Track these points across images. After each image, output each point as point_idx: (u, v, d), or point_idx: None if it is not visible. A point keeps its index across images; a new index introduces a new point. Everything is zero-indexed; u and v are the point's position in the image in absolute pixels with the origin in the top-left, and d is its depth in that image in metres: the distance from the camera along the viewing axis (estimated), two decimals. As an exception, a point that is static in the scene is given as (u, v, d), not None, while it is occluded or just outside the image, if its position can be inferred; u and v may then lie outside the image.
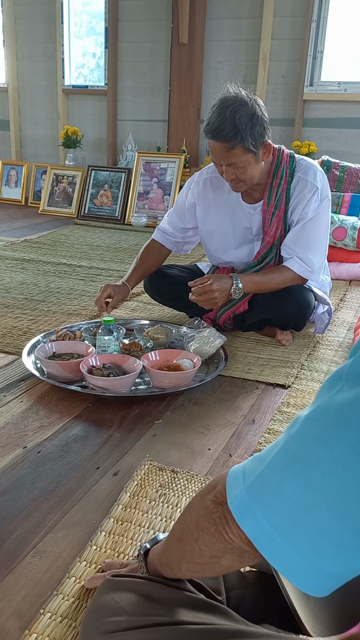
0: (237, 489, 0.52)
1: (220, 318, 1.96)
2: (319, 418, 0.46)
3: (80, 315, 2.19)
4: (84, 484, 1.17)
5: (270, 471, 0.49)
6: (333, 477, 0.43)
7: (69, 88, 4.66)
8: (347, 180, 2.95)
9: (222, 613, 0.71)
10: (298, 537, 0.46)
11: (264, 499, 0.49)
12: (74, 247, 3.33)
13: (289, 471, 0.47)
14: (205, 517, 0.57)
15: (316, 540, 0.45)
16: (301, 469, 0.45)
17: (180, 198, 2.05)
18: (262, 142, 1.70)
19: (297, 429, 0.48)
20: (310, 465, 0.45)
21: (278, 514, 0.47)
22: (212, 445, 1.35)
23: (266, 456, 0.51)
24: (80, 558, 0.97)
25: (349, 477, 0.42)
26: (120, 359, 1.63)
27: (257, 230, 1.92)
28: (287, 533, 0.46)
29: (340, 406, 0.44)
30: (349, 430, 0.43)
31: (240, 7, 3.91)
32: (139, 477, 1.20)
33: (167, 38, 4.14)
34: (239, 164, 1.68)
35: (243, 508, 0.51)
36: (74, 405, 1.50)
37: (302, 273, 1.82)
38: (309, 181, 1.80)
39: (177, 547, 0.66)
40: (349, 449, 0.42)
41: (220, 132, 1.62)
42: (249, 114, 1.63)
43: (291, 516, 0.46)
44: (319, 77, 3.86)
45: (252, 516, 0.49)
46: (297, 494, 0.45)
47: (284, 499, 0.47)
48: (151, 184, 4.12)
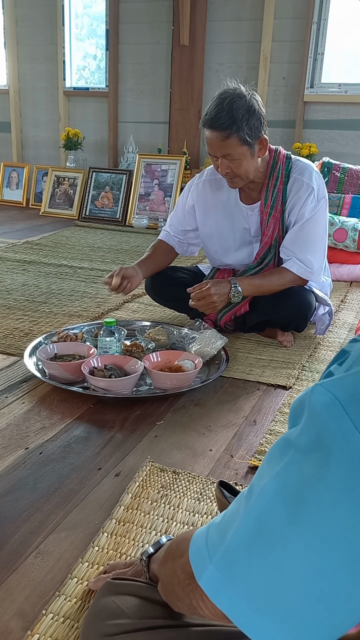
0: (203, 565, 0.51)
1: (221, 320, 1.96)
2: (277, 495, 0.44)
3: (81, 316, 2.19)
4: (85, 485, 1.18)
5: (237, 548, 0.47)
6: (299, 558, 0.43)
7: (70, 90, 4.67)
8: (348, 182, 2.95)
9: None
10: (275, 615, 0.45)
11: (236, 580, 0.47)
12: (75, 248, 3.34)
13: (255, 550, 0.46)
14: (179, 586, 0.57)
15: (293, 618, 0.44)
16: (267, 548, 0.45)
17: (181, 200, 2.06)
18: (258, 136, 1.71)
19: (256, 502, 0.46)
20: (276, 546, 0.44)
21: (252, 593, 0.46)
22: (213, 446, 1.35)
23: (227, 526, 0.50)
24: (82, 559, 0.98)
25: (314, 557, 0.42)
26: (122, 360, 1.64)
27: (256, 231, 1.92)
28: (264, 611, 0.46)
29: (297, 484, 0.43)
30: (309, 509, 0.42)
31: (241, 9, 3.92)
32: (140, 478, 1.20)
33: (168, 40, 4.15)
34: (234, 155, 1.69)
35: (216, 588, 0.49)
36: (76, 406, 1.51)
37: (301, 274, 1.83)
38: (305, 182, 1.81)
39: (163, 592, 0.65)
40: (312, 530, 0.42)
41: (217, 121, 1.64)
42: (246, 106, 1.65)
43: (265, 595, 0.45)
44: (320, 78, 3.87)
45: (227, 596, 0.48)
46: (267, 574, 0.45)
47: (255, 579, 0.46)
48: (152, 185, 4.13)
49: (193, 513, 1.10)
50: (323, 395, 0.42)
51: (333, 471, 0.41)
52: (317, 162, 3.15)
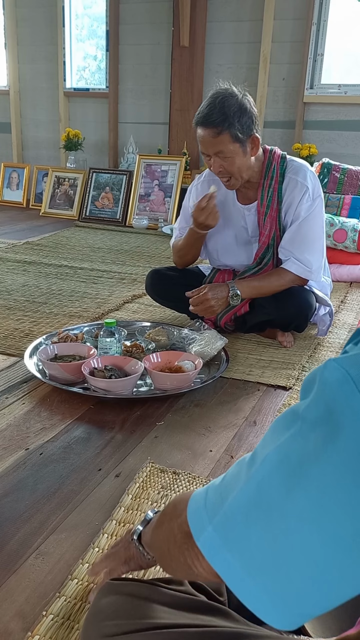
0: (202, 526, 0.51)
1: (221, 320, 1.96)
2: (280, 465, 0.45)
3: (82, 317, 2.19)
4: (86, 486, 1.18)
5: (236, 513, 0.48)
6: (296, 529, 0.43)
7: (70, 91, 4.67)
8: (348, 183, 2.95)
9: (222, 614, 0.71)
10: (267, 580, 0.46)
11: (233, 543, 0.48)
12: (75, 249, 3.34)
13: (254, 517, 0.46)
14: (175, 546, 0.57)
15: (284, 584, 0.45)
16: (265, 517, 0.45)
17: (185, 203, 2.07)
18: (250, 135, 1.72)
19: (258, 469, 0.47)
20: (274, 515, 0.45)
21: (247, 558, 0.47)
22: (213, 446, 1.35)
23: (227, 490, 0.50)
24: (83, 560, 0.98)
25: (311, 530, 0.43)
26: (122, 361, 1.64)
27: (253, 231, 1.93)
28: (256, 575, 0.47)
29: (300, 457, 0.44)
30: (310, 483, 0.42)
31: (241, 10, 3.92)
32: (140, 479, 1.20)
33: (168, 41, 4.15)
34: (226, 152, 1.71)
35: (213, 549, 0.50)
36: (76, 407, 1.51)
37: (300, 274, 1.83)
38: (299, 181, 1.81)
39: (157, 555, 0.67)
40: (311, 503, 0.42)
41: (209, 118, 1.67)
42: (237, 104, 1.68)
43: (259, 561, 0.46)
44: (320, 79, 3.87)
45: (223, 558, 0.49)
46: (263, 541, 0.46)
47: (251, 544, 0.47)
48: (152, 186, 4.13)
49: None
50: (336, 371, 0.42)
51: (339, 447, 0.41)
52: (316, 163, 3.15)
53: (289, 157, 1.87)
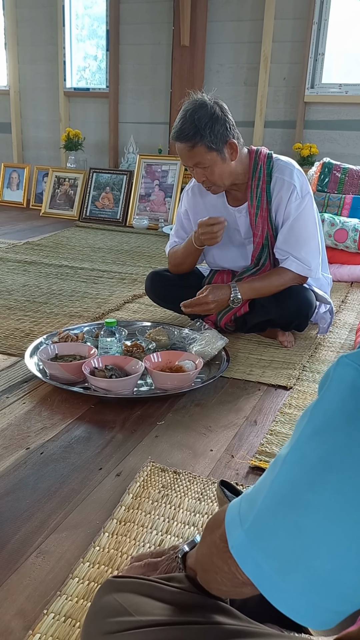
0: (235, 532, 0.53)
1: (221, 320, 1.96)
2: (300, 461, 0.46)
3: (82, 317, 2.19)
4: (86, 485, 1.18)
5: (263, 515, 0.49)
6: (323, 521, 0.44)
7: (70, 91, 4.67)
8: (349, 183, 2.95)
9: (224, 612, 0.72)
10: (297, 579, 0.46)
11: (262, 544, 0.49)
12: (75, 249, 3.34)
13: (281, 516, 0.47)
14: (218, 556, 0.58)
15: (314, 582, 0.46)
16: (292, 514, 0.46)
17: (179, 210, 2.10)
18: (226, 141, 1.73)
19: (280, 470, 0.48)
20: (300, 511, 0.45)
21: (276, 558, 0.48)
22: (214, 446, 1.35)
23: (256, 497, 0.52)
24: (84, 558, 0.98)
25: (338, 520, 0.43)
26: (123, 361, 1.64)
27: (246, 233, 1.93)
28: (286, 576, 0.47)
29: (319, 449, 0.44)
30: (332, 474, 0.43)
31: (242, 10, 3.92)
32: (141, 478, 1.20)
33: (168, 41, 4.16)
34: (204, 162, 1.73)
35: (243, 553, 0.51)
36: (77, 406, 1.51)
37: (300, 271, 1.84)
38: (286, 180, 1.82)
39: (202, 575, 0.67)
40: (335, 492, 0.43)
41: (182, 133, 1.70)
42: (208, 114, 1.69)
43: (289, 560, 0.47)
44: (320, 79, 3.87)
45: (253, 560, 0.50)
46: (291, 538, 0.46)
47: (280, 543, 0.47)
48: (152, 186, 4.13)
49: (194, 513, 1.10)
50: (347, 366, 0.44)
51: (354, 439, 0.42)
52: (317, 163, 3.15)
53: (275, 156, 1.87)
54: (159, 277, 2.10)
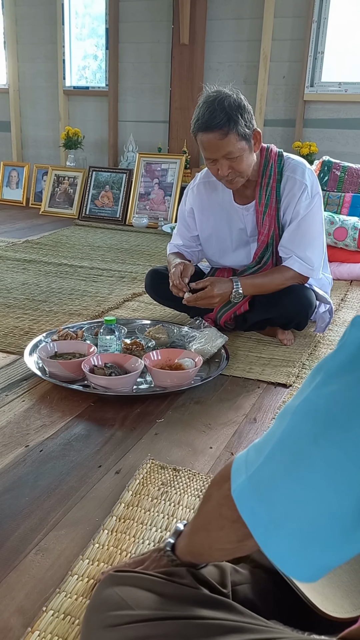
0: (240, 478, 0.54)
1: (221, 318, 1.96)
2: (308, 413, 0.47)
3: (81, 315, 2.19)
4: (86, 482, 1.18)
5: (268, 464, 0.51)
6: (323, 476, 0.45)
7: (70, 89, 4.67)
8: (348, 181, 2.95)
9: (226, 607, 0.71)
10: (290, 529, 0.48)
11: (262, 490, 0.51)
12: (75, 247, 3.34)
13: (283, 465, 0.49)
14: (227, 505, 0.59)
15: (306, 533, 0.47)
16: (294, 465, 0.47)
17: (181, 208, 2.07)
18: (253, 129, 1.71)
19: (288, 422, 0.50)
20: (302, 463, 0.47)
21: (273, 506, 0.49)
22: (213, 443, 1.35)
23: (264, 446, 0.53)
24: (83, 556, 0.98)
25: (338, 476, 0.44)
26: (122, 359, 1.64)
27: (252, 231, 1.93)
28: (280, 524, 0.48)
29: (328, 403, 0.46)
30: (337, 430, 0.44)
31: (241, 8, 3.92)
32: (141, 476, 1.20)
33: (167, 39, 4.15)
34: (234, 152, 1.68)
35: (243, 497, 0.53)
36: (76, 404, 1.51)
37: (302, 271, 1.83)
38: (298, 179, 1.81)
39: (204, 537, 0.68)
40: (338, 449, 0.44)
41: (213, 121, 1.64)
42: (236, 102, 1.66)
43: (284, 509, 0.48)
44: (320, 77, 3.86)
45: (251, 506, 0.52)
46: (290, 489, 0.47)
47: (278, 492, 0.49)
48: (152, 184, 4.12)
49: (193, 510, 1.10)
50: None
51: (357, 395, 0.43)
52: (317, 161, 3.14)
53: (286, 155, 1.87)
54: (159, 275, 2.10)
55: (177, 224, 2.11)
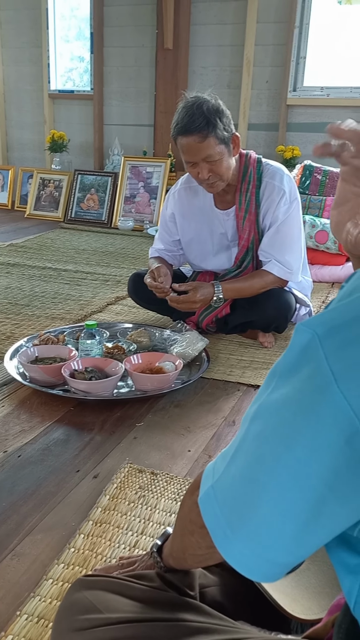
0: (206, 485, 0.55)
1: (202, 322, 1.98)
2: (262, 418, 0.49)
3: (64, 319, 2.20)
4: (63, 487, 1.19)
5: (229, 470, 0.52)
6: (276, 477, 0.46)
7: (55, 93, 4.67)
8: (329, 185, 2.98)
9: (194, 609, 0.73)
10: (247, 533, 0.49)
11: (222, 497, 0.52)
12: (59, 251, 3.34)
13: (240, 471, 0.50)
14: (196, 512, 0.60)
15: (263, 536, 0.48)
16: (250, 470, 0.49)
17: (163, 213, 2.10)
18: (231, 133, 1.74)
19: (246, 428, 0.51)
20: (257, 467, 0.48)
21: (231, 511, 0.50)
22: (192, 447, 1.37)
23: (228, 453, 0.54)
24: (58, 560, 0.99)
25: (289, 477, 0.46)
26: (103, 363, 1.65)
27: (233, 236, 1.95)
28: (238, 529, 0.49)
29: (277, 405, 0.47)
30: (287, 432, 0.46)
31: (224, 13, 3.94)
32: (118, 480, 1.21)
33: (152, 43, 4.17)
34: (214, 155, 1.71)
35: (207, 504, 0.54)
36: (56, 409, 1.51)
37: (282, 275, 1.85)
38: (276, 185, 1.84)
39: (179, 542, 0.69)
40: (288, 451, 0.45)
41: (192, 125, 1.67)
42: (214, 107, 1.70)
43: (241, 513, 0.49)
44: (302, 82, 3.90)
45: (213, 512, 0.53)
46: (247, 493, 0.49)
47: (236, 497, 0.50)
48: (138, 187, 4.14)
49: (170, 513, 1.12)
50: (303, 332, 0.47)
51: (302, 395, 0.45)
52: (299, 165, 3.18)
53: (265, 161, 1.89)
54: (141, 278, 2.10)
55: (159, 228, 2.13)
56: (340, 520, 0.47)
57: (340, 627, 0.55)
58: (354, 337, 0.44)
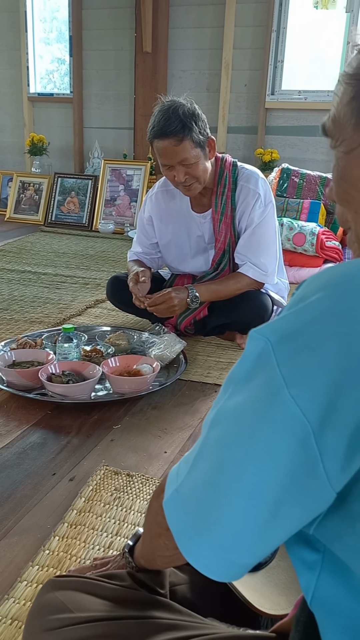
0: (170, 489, 0.56)
1: (181, 324, 2.00)
2: (219, 423, 0.50)
3: (43, 322, 2.20)
4: (39, 490, 1.19)
5: (191, 474, 0.53)
6: (235, 481, 0.48)
7: (34, 96, 4.66)
8: (307, 188, 3.02)
9: (164, 607, 0.74)
10: (209, 535, 0.50)
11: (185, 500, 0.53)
12: (39, 254, 3.33)
13: (201, 475, 0.51)
14: (161, 514, 0.61)
15: (225, 537, 0.49)
16: (210, 474, 0.50)
17: (140, 216, 2.11)
18: (207, 137, 1.76)
19: (206, 433, 0.53)
20: (216, 470, 0.49)
21: (194, 514, 0.51)
22: (168, 448, 1.38)
23: (190, 457, 0.56)
24: (33, 562, 0.99)
25: (246, 479, 0.47)
26: (80, 366, 1.65)
27: (210, 238, 1.97)
28: (201, 531, 0.51)
29: (234, 412, 0.49)
30: (243, 437, 0.47)
31: (203, 17, 3.98)
32: (94, 482, 1.22)
33: (131, 47, 4.18)
34: (190, 159, 1.74)
35: (171, 507, 0.55)
36: (33, 412, 1.52)
37: (257, 277, 1.88)
38: (251, 189, 1.87)
39: (148, 543, 0.71)
40: (244, 455, 0.47)
41: (168, 128, 1.69)
42: (190, 110, 1.72)
43: (203, 515, 0.50)
44: (280, 85, 3.95)
45: (177, 515, 0.54)
46: (208, 496, 0.50)
47: (198, 500, 0.51)
48: (118, 190, 4.14)
49: (145, 514, 1.13)
50: (257, 340, 0.48)
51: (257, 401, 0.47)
52: (276, 168, 3.22)
53: (240, 165, 1.92)
54: (120, 282, 2.12)
55: (137, 231, 2.15)
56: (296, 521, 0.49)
57: (299, 621, 0.57)
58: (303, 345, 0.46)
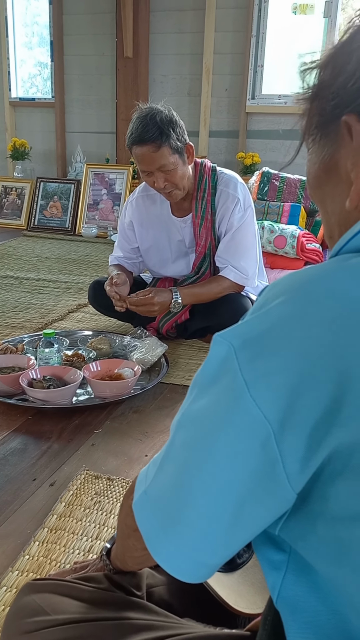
0: (140, 490, 0.57)
1: (163, 327, 2.01)
2: (184, 425, 0.52)
3: (25, 328, 2.19)
4: (19, 496, 1.19)
5: (158, 476, 0.54)
6: (200, 482, 0.49)
7: (15, 101, 4.65)
8: (287, 191, 3.06)
9: (140, 608, 0.75)
10: (177, 536, 0.51)
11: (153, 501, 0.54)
12: (22, 259, 3.32)
13: (168, 477, 0.52)
14: (130, 516, 0.62)
15: (192, 538, 0.51)
16: (176, 476, 0.51)
17: (121, 221, 2.12)
18: (185, 143, 1.78)
19: (172, 435, 0.54)
20: (182, 472, 0.50)
21: (163, 515, 0.53)
22: (149, 451, 1.39)
23: (157, 459, 0.57)
24: (13, 567, 1.00)
25: (210, 481, 0.48)
26: (62, 371, 1.66)
27: (190, 243, 1.99)
28: (169, 532, 0.52)
29: (199, 414, 0.50)
30: (206, 438, 0.49)
31: (183, 22, 4.00)
32: (74, 487, 1.23)
33: (112, 52, 4.20)
34: (168, 165, 1.75)
35: (140, 509, 0.56)
36: (14, 418, 1.52)
37: (237, 280, 1.90)
38: (231, 193, 1.89)
39: (119, 544, 0.73)
40: (208, 456, 0.48)
41: (146, 134, 1.70)
42: (167, 117, 1.73)
43: (170, 516, 0.52)
44: (260, 90, 3.99)
45: (146, 516, 0.55)
46: (175, 497, 0.51)
47: (166, 501, 0.52)
48: (101, 194, 4.15)
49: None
50: (221, 344, 0.49)
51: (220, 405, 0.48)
52: (257, 172, 3.25)
53: (219, 169, 1.94)
54: (102, 286, 2.12)
55: (118, 236, 2.16)
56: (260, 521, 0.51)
57: (266, 620, 0.59)
58: (263, 349, 0.47)
